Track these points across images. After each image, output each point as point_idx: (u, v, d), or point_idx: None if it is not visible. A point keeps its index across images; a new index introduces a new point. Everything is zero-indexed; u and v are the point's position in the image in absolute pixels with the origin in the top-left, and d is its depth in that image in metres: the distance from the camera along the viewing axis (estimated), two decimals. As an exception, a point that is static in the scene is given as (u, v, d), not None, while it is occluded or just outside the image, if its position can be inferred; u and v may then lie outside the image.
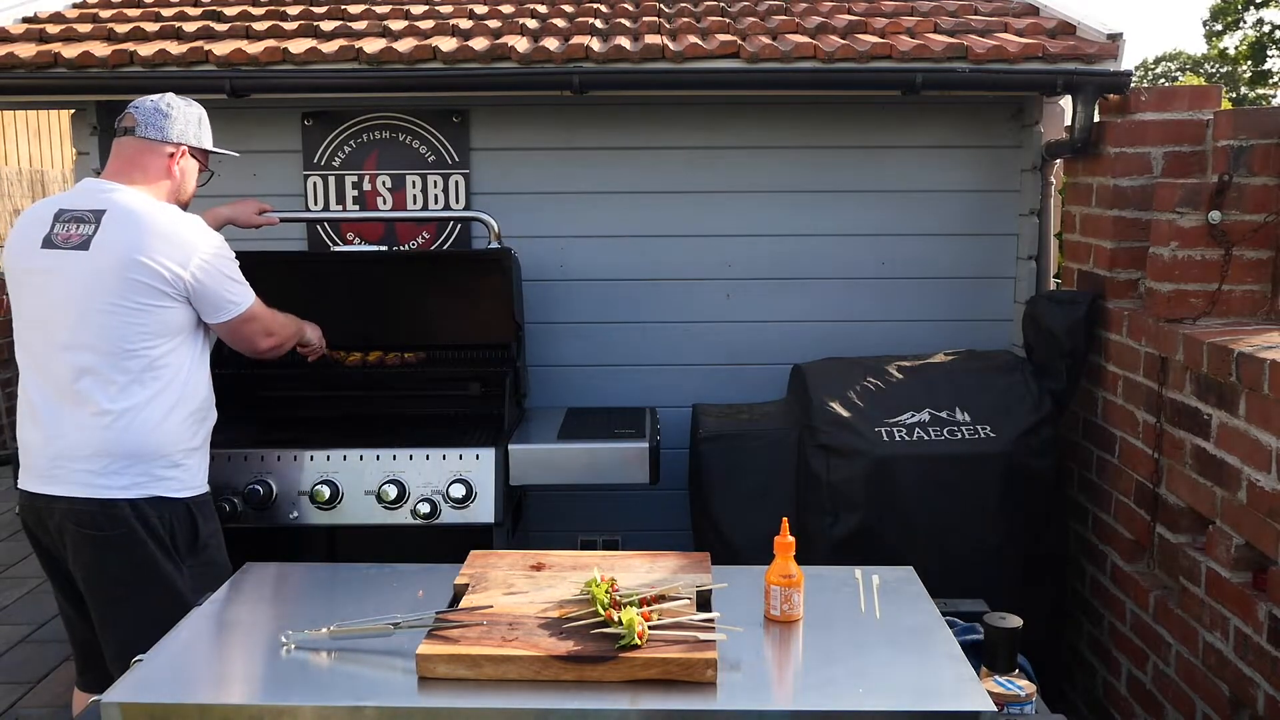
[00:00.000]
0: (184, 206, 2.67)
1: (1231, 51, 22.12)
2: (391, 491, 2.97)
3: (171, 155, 2.60)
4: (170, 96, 2.65)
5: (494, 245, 3.39)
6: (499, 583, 1.93)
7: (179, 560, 2.51)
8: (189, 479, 2.55)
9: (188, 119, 2.64)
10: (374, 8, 4.17)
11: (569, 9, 4.12)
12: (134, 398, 2.44)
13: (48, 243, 2.44)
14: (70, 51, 3.51)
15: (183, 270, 2.46)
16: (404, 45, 3.51)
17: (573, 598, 1.84)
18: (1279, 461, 2.33)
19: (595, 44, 3.53)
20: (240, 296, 2.60)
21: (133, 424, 2.45)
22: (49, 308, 2.46)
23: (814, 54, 3.43)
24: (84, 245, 2.42)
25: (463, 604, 1.83)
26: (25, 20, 3.97)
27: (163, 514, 2.48)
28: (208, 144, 2.73)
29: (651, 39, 3.59)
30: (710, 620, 1.73)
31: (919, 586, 2.02)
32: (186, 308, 2.51)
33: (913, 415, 3.17)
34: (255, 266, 2.75)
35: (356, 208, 3.85)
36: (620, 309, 3.88)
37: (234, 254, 2.61)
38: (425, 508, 2.97)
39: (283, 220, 3.30)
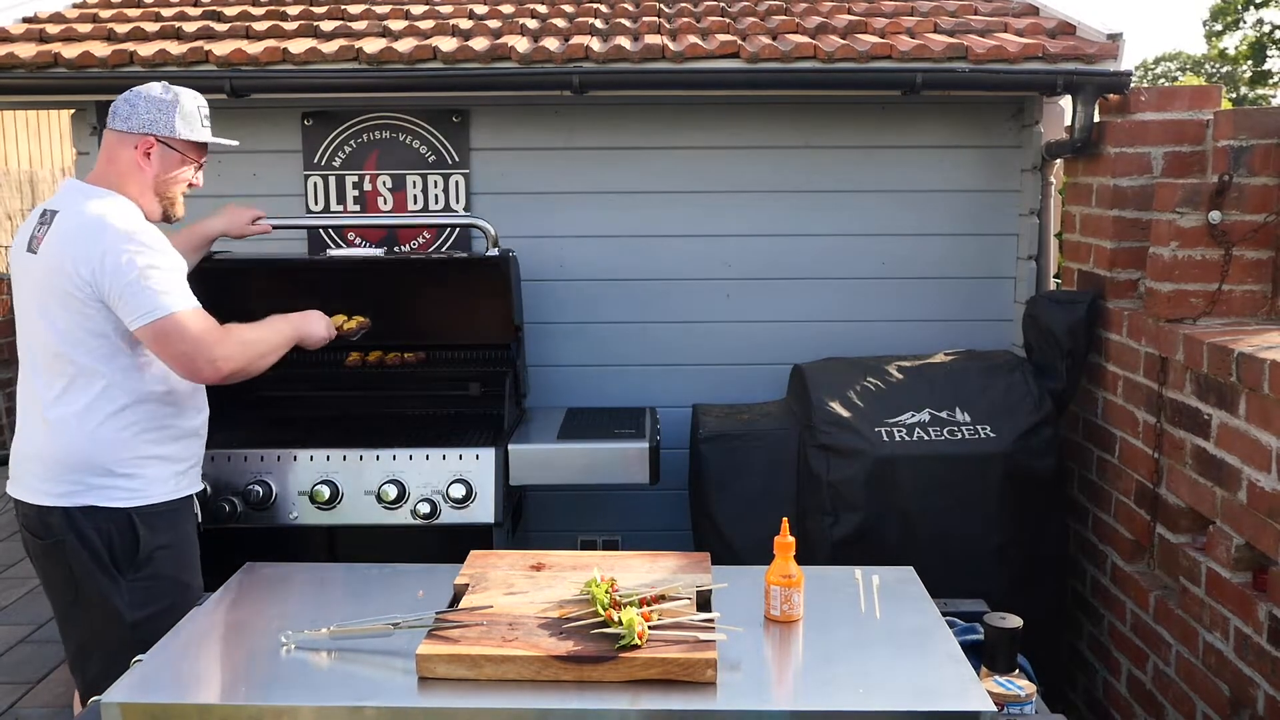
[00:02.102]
0: (170, 202, 2.51)
1: (1231, 51, 22.12)
2: (391, 491, 2.97)
3: (138, 146, 2.43)
4: (151, 85, 2.47)
5: (492, 251, 3.38)
6: (499, 583, 1.93)
7: (116, 573, 2.37)
8: (136, 488, 2.39)
9: (159, 108, 2.43)
10: (374, 8, 4.17)
11: (569, 9, 4.12)
12: (69, 404, 2.34)
13: (30, 245, 2.40)
14: (70, 51, 3.51)
15: (90, 271, 2.28)
16: (404, 45, 3.51)
17: (573, 598, 1.84)
18: (1279, 461, 2.33)
19: (595, 44, 3.53)
20: (152, 303, 2.29)
21: (66, 430, 2.35)
22: (18, 311, 2.45)
23: (814, 54, 3.43)
24: (37, 249, 2.37)
25: (463, 604, 1.83)
26: (25, 20, 3.97)
27: (100, 524, 2.35)
28: (187, 134, 2.47)
29: (651, 39, 3.59)
30: (710, 620, 1.73)
31: (919, 586, 2.02)
32: (108, 312, 2.32)
33: (913, 415, 3.17)
34: (251, 271, 2.71)
35: (357, 208, 3.85)
36: (620, 309, 3.88)
37: (165, 254, 2.35)
38: (425, 508, 2.97)
39: (276, 228, 3.20)
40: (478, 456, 3.03)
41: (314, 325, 2.70)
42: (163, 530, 2.43)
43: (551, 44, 3.53)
